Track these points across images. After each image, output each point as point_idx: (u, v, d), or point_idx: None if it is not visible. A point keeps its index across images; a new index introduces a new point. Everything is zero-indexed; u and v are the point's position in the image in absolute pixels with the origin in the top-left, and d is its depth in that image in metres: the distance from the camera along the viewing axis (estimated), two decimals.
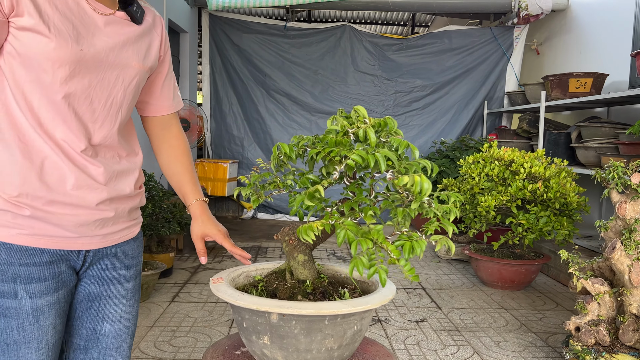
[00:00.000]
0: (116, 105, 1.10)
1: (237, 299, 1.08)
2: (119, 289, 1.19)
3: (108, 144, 1.11)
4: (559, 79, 4.73)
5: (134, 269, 1.23)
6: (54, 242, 1.05)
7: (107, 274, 1.17)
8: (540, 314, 3.24)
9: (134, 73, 1.12)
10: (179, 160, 1.32)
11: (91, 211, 1.07)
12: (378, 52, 6.30)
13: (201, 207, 1.30)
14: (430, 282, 3.86)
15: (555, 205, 3.38)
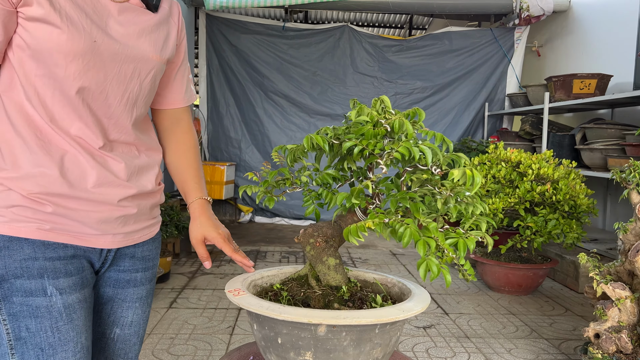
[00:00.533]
0: (132, 100, 1.04)
1: (282, 312, 0.95)
2: (134, 292, 1.13)
3: (124, 140, 1.04)
4: (562, 80, 4.66)
5: (150, 271, 1.17)
6: (76, 238, 0.99)
7: (123, 276, 1.11)
8: (550, 320, 3.14)
9: (151, 66, 1.05)
10: (184, 155, 1.23)
11: (114, 207, 1.02)
12: (378, 53, 6.22)
13: (201, 207, 1.20)
14: (435, 286, 3.76)
15: (564, 207, 3.30)
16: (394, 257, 4.66)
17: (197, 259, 4.39)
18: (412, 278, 3.96)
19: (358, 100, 4.66)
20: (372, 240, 5.39)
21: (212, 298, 3.35)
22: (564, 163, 3.50)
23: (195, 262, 4.27)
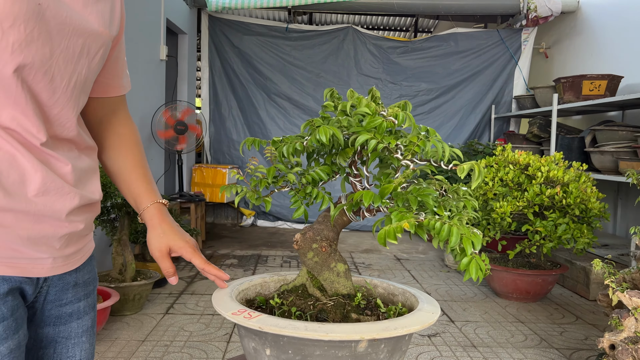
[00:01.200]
0: (80, 84, 0.84)
1: (327, 331, 0.83)
2: (78, 326, 0.92)
3: (67, 135, 0.84)
4: (571, 81, 4.55)
5: (92, 295, 0.96)
6: (9, 266, 0.77)
7: (65, 310, 0.90)
8: (560, 328, 3.02)
9: (101, 42, 0.86)
10: (129, 152, 1.02)
11: (60, 223, 0.81)
12: (382, 54, 6.13)
13: (160, 213, 1.00)
14: (441, 293, 3.65)
15: (574, 211, 3.18)
16: (398, 262, 4.55)
17: None
18: (417, 284, 3.85)
19: None
20: (375, 245, 5.28)
21: (210, 304, 3.25)
22: (574, 166, 3.38)
23: (195, 267, 4.17)
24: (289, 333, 0.84)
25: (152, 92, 4.51)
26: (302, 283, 1.08)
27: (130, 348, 2.53)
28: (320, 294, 1.05)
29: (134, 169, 1.01)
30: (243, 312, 0.91)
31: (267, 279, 1.16)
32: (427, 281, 3.94)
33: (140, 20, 4.16)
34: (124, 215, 2.99)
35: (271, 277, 1.17)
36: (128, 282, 2.92)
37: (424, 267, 4.38)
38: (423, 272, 4.23)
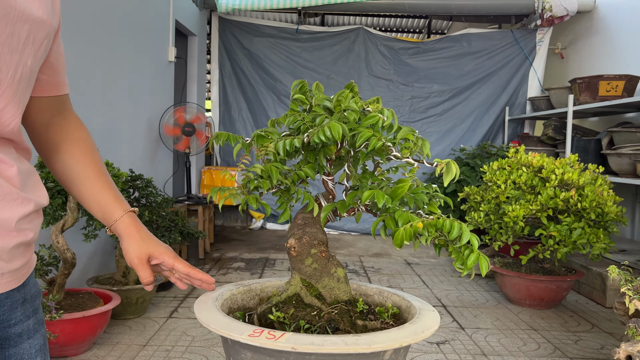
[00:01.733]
0: (26, 77, 0.75)
1: (369, 342, 0.77)
2: (30, 346, 0.83)
3: (9, 135, 0.75)
4: (588, 81, 4.43)
5: (39, 310, 0.87)
6: None
7: (14, 331, 0.79)
8: (575, 337, 2.91)
9: (45, 31, 0.77)
10: (89, 160, 0.93)
11: (8, 233, 0.73)
12: (393, 55, 6.05)
13: (135, 221, 0.96)
14: (451, 298, 3.55)
15: (590, 215, 3.07)
16: (409, 267, 4.46)
17: (204, 266, 4.25)
18: (427, 289, 3.76)
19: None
20: (385, 249, 5.19)
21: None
22: (590, 168, 3.27)
23: (202, 270, 4.12)
24: (329, 350, 0.77)
25: (161, 94, 4.48)
26: (295, 292, 1.01)
27: (131, 353, 2.48)
28: (320, 303, 0.98)
29: (98, 178, 0.93)
30: (262, 333, 0.83)
31: (234, 291, 1.09)
32: (438, 286, 3.85)
33: (149, 22, 4.14)
34: None
35: (237, 289, 1.10)
36: (131, 285, 2.88)
37: (435, 272, 4.28)
38: (434, 277, 4.13)
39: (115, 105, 3.54)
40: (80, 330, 2.32)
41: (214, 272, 4.06)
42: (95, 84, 3.24)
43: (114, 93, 3.52)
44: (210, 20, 6.10)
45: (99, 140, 3.25)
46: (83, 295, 2.58)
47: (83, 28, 3.04)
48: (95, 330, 2.40)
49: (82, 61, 3.05)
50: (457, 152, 5.73)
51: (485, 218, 3.42)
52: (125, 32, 3.66)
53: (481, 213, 3.42)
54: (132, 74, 3.82)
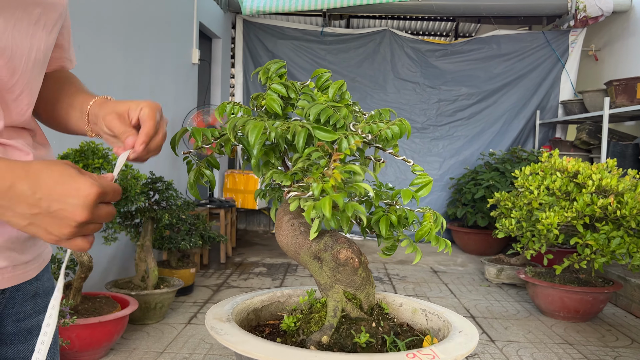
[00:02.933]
0: (39, 62, 0.72)
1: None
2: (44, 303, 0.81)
3: (26, 123, 0.73)
4: (625, 84, 4.24)
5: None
6: None
7: (24, 326, 0.77)
8: (614, 352, 2.74)
9: (59, 11, 0.73)
10: (66, 81, 0.87)
11: None
12: (420, 58, 5.91)
13: (110, 99, 0.82)
14: (480, 309, 3.40)
15: (630, 224, 2.90)
16: (435, 275, 4.32)
17: (225, 271, 4.18)
18: (454, 298, 3.61)
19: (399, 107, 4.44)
20: (409, 256, 5.05)
21: None
22: (630, 174, 3.10)
23: (223, 274, 4.06)
24: None
25: (184, 96, 4.45)
26: (342, 308, 0.90)
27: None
28: (364, 314, 0.88)
29: (77, 90, 0.84)
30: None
31: (264, 296, 1.00)
32: (466, 296, 3.70)
33: (173, 24, 4.10)
34: (147, 220, 2.90)
35: (267, 294, 1.01)
36: (150, 290, 2.82)
37: (463, 281, 4.13)
38: (462, 285, 3.98)
39: None
40: (96, 336, 2.26)
41: (235, 277, 3.99)
42: (117, 85, 3.21)
43: (137, 94, 3.48)
44: (234, 23, 6.06)
45: None
46: (100, 299, 2.53)
47: (106, 29, 3.01)
48: (111, 336, 2.34)
49: (104, 62, 3.02)
50: (486, 157, 5.56)
51: (517, 225, 3.27)
52: (148, 34, 3.63)
53: (512, 220, 3.27)
54: (155, 76, 3.79)
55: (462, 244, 5.28)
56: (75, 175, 0.59)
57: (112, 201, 0.63)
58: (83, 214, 0.58)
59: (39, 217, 0.58)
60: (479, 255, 5.06)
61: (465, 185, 5.19)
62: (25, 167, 0.58)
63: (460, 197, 5.22)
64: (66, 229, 0.59)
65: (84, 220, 0.59)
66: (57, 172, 0.59)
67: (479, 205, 4.92)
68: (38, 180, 0.58)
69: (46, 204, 0.58)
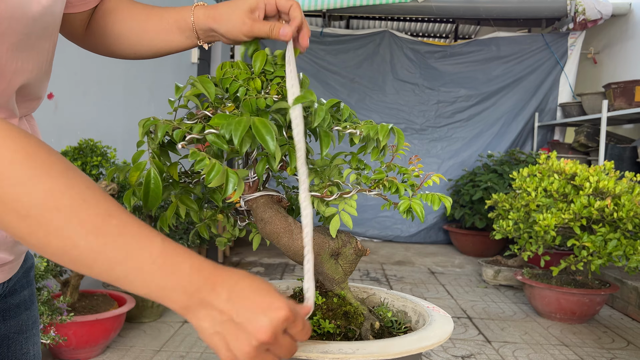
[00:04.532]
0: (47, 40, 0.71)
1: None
2: (28, 317, 0.82)
3: (34, 106, 0.73)
4: (623, 87, 4.25)
5: (32, 283, 0.85)
6: None
7: (13, 301, 0.78)
8: (610, 354, 2.75)
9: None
10: (152, 13, 0.85)
11: None
12: (419, 59, 5.92)
13: (203, 5, 0.84)
14: (477, 310, 3.41)
15: (627, 226, 2.91)
16: (432, 276, 4.32)
17: None
18: (451, 299, 3.62)
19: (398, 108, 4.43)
20: (408, 257, 5.06)
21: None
22: (627, 176, 3.11)
23: None
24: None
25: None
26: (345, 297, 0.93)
27: (145, 358, 2.41)
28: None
29: (157, 13, 0.84)
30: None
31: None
32: (463, 297, 3.71)
33: None
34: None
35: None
36: None
37: (460, 282, 4.14)
38: (459, 287, 3.99)
39: (137, 107, 3.51)
40: (93, 334, 2.27)
41: None
42: (116, 85, 3.21)
43: (136, 95, 3.49)
44: None
45: (120, 143, 3.22)
46: (98, 297, 2.53)
47: None
48: (108, 334, 2.34)
49: (103, 61, 3.02)
50: (485, 159, 5.57)
51: (514, 227, 3.28)
52: None
53: (510, 221, 3.27)
54: (154, 75, 3.79)
55: (460, 245, 5.29)
56: (272, 291, 0.57)
57: (297, 335, 0.58)
58: (267, 332, 0.54)
59: (227, 325, 0.55)
60: (477, 256, 5.06)
61: (463, 186, 5.20)
62: (227, 270, 0.58)
63: (459, 199, 5.22)
64: (246, 347, 0.54)
65: (266, 341, 0.54)
66: (257, 282, 0.57)
67: (477, 207, 4.93)
68: (233, 285, 0.56)
69: (235, 311, 0.54)
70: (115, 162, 2.59)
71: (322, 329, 0.84)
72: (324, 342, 0.73)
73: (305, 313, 0.61)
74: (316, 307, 0.88)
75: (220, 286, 0.55)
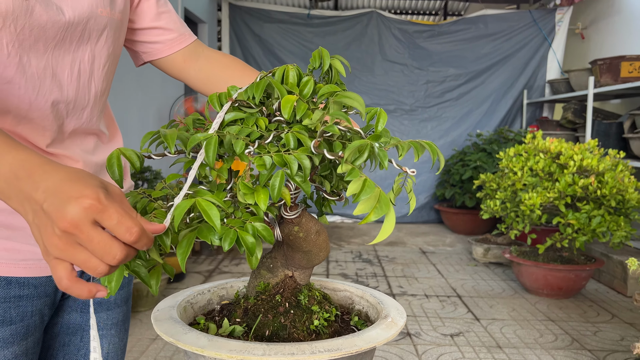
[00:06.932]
0: (85, 71, 0.82)
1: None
2: (108, 317, 0.90)
3: (84, 129, 0.83)
4: (609, 63, 4.27)
5: (125, 289, 0.94)
6: (26, 268, 0.75)
7: (94, 299, 0.86)
8: (594, 327, 2.83)
9: (102, 22, 0.84)
10: (240, 73, 1.01)
11: None
12: (408, 39, 5.91)
13: None
14: (467, 288, 3.48)
15: (610, 203, 2.96)
16: (424, 256, 4.39)
17: (217, 257, 4.23)
18: (442, 278, 3.69)
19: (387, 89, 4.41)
20: (400, 237, 5.12)
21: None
22: (611, 153, 3.15)
23: (214, 260, 4.11)
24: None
25: (171, 83, 4.44)
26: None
27: (141, 347, 2.47)
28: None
29: (236, 65, 1.03)
30: None
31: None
32: (453, 276, 3.78)
33: None
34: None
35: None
36: None
37: (451, 261, 4.21)
38: (449, 265, 4.06)
39: (125, 95, 3.52)
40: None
41: (227, 263, 4.05)
42: None
43: (123, 83, 3.49)
44: (220, 7, 6.03)
45: None
46: None
47: None
48: None
49: None
50: (474, 138, 5.61)
51: (501, 206, 3.33)
52: None
53: (497, 201, 3.33)
54: None
55: (451, 224, 5.36)
56: (90, 180, 0.52)
57: (114, 230, 0.50)
58: (66, 219, 0.48)
59: (39, 214, 0.51)
60: (468, 235, 5.14)
61: (453, 166, 5.24)
62: (52, 163, 0.55)
63: (449, 178, 5.28)
64: (51, 237, 0.50)
65: (67, 230, 0.49)
66: (77, 172, 0.53)
67: (467, 186, 4.99)
68: (52, 174, 0.52)
69: (45, 200, 0.50)
70: None
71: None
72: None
73: (152, 229, 0.54)
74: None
75: (38, 176, 0.52)
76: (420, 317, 2.93)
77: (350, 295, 1.00)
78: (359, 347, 0.68)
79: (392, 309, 0.89)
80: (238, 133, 0.68)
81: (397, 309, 0.90)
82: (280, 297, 0.82)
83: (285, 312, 0.80)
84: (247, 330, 0.77)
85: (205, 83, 1.01)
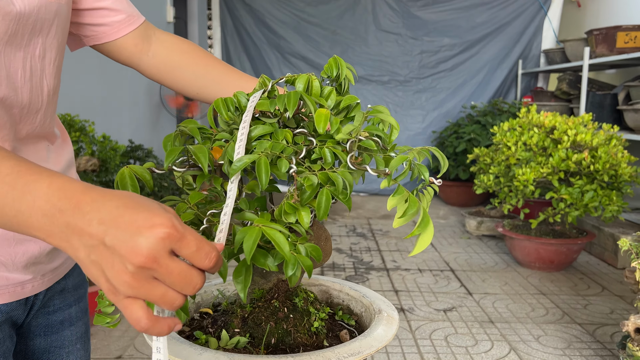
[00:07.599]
0: (36, 69, 0.74)
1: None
2: (72, 333, 0.86)
3: (38, 132, 0.74)
4: (605, 33, 4.22)
5: (83, 300, 0.90)
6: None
7: (55, 319, 0.83)
8: (585, 301, 2.88)
9: (52, 9, 0.74)
10: (194, 53, 0.93)
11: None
12: (402, 8, 5.80)
13: None
14: (460, 262, 3.52)
15: (603, 177, 2.97)
16: None
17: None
18: (435, 252, 3.72)
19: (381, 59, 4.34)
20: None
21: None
22: (604, 128, 3.14)
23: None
24: None
25: None
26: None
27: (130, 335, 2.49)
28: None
29: (226, 72, 0.92)
30: None
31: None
32: (446, 249, 3.81)
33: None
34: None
35: None
36: None
37: (444, 234, 4.24)
38: (442, 239, 4.09)
39: (113, 71, 3.45)
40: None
41: None
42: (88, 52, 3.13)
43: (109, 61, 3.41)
44: None
45: (97, 109, 3.18)
46: None
47: None
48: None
49: None
50: (468, 109, 5.57)
51: (495, 181, 3.34)
52: None
53: (491, 176, 3.33)
54: None
55: (445, 196, 5.38)
56: (152, 206, 0.46)
57: (192, 258, 0.46)
58: (143, 254, 0.43)
59: (99, 250, 0.45)
60: (461, 207, 5.16)
61: (447, 138, 5.23)
62: (96, 189, 0.47)
63: (443, 151, 5.27)
64: (123, 275, 0.44)
65: (144, 265, 0.43)
66: (133, 198, 0.46)
67: (461, 159, 4.98)
68: (104, 203, 0.46)
69: (103, 231, 0.44)
70: (94, 136, 2.57)
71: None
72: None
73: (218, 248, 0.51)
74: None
75: (87, 205, 0.45)
76: (413, 292, 2.96)
77: (327, 290, 1.00)
78: (375, 347, 0.71)
79: (378, 301, 0.90)
80: (272, 149, 0.66)
81: (382, 300, 0.91)
82: (277, 303, 0.82)
83: (285, 317, 0.80)
84: (251, 340, 0.77)
85: (161, 71, 0.92)
